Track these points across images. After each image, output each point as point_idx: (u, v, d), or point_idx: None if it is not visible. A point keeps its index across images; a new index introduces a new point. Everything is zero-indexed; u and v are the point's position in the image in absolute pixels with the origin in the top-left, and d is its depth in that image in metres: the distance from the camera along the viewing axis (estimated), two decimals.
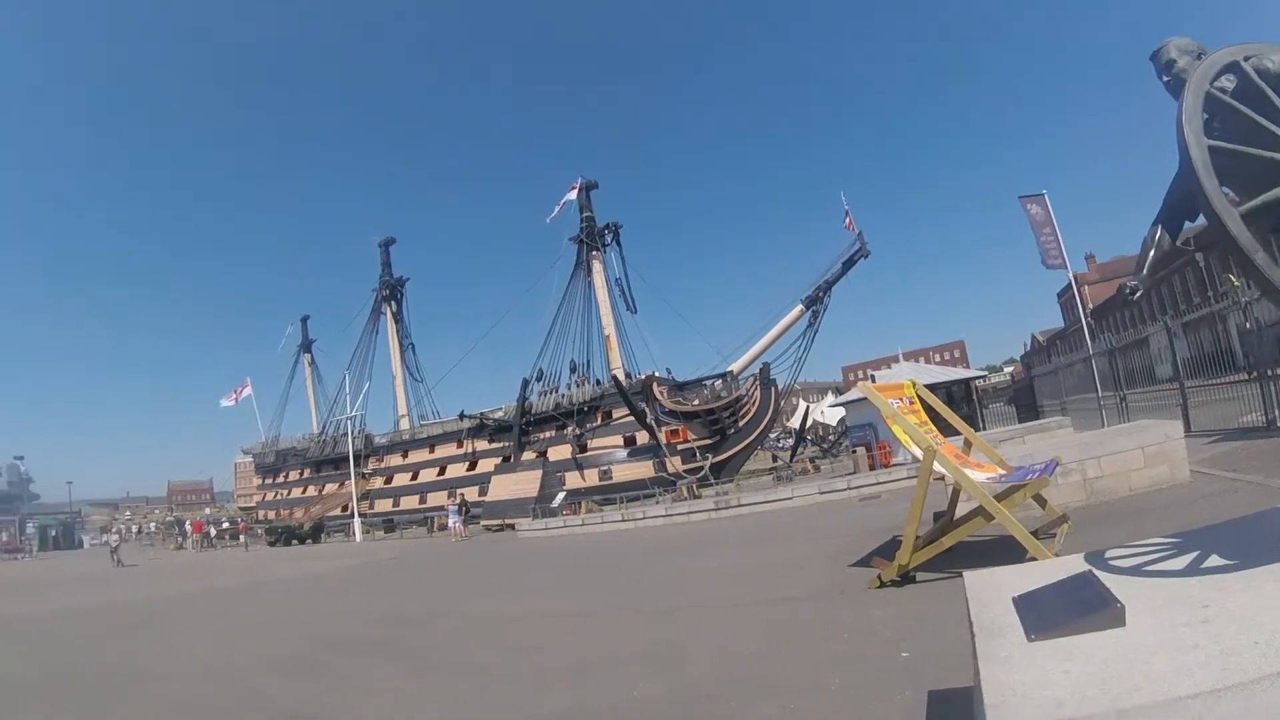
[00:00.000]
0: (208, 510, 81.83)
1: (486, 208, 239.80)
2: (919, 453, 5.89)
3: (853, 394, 31.89)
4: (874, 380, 31.72)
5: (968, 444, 7.15)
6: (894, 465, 23.96)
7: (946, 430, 7.00)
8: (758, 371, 39.67)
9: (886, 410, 6.18)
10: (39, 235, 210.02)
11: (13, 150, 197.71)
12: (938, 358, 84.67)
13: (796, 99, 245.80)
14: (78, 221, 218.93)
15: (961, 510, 6.68)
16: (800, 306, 38.43)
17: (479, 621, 9.63)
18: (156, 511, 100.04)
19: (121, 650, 10.31)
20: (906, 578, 6.23)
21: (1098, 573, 2.35)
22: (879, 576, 6.30)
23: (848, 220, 37.97)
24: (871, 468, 25.18)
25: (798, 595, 7.42)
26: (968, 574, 2.82)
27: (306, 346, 66.84)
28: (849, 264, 37.65)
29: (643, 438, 37.17)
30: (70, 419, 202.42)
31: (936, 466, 5.87)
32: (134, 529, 66.55)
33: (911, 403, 6.73)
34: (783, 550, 12.09)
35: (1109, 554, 2.68)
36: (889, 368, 37.52)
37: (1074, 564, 2.65)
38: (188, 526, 48.43)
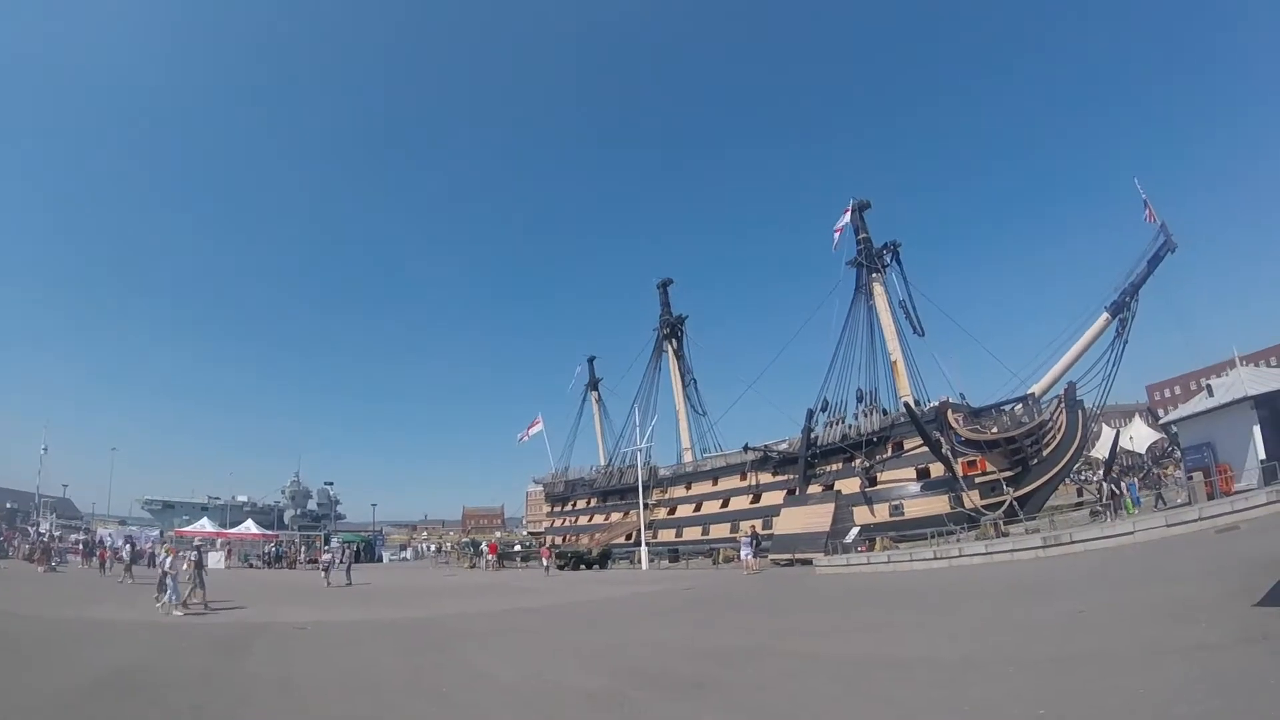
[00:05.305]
0: (498, 534, 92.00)
1: (763, 240, 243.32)
2: None
3: (1192, 406, 28.27)
4: (1210, 392, 27.09)
5: None
6: (1237, 492, 21.85)
7: None
8: (1062, 393, 35.83)
9: None
10: (393, 299, 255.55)
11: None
12: (1274, 360, 68.62)
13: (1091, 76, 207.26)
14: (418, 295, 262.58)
15: None
16: (1105, 315, 34.77)
17: (811, 663, 9.23)
18: (452, 533, 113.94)
19: (422, 667, 10.24)
20: None
21: None
22: None
23: (1147, 212, 34.07)
24: (1210, 496, 22.68)
25: (1209, 643, 6.53)
26: None
27: (594, 385, 72.31)
28: (1154, 261, 33.59)
29: (937, 470, 34.86)
30: (376, 452, 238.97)
31: None
32: (432, 547, 76.33)
33: None
34: (1155, 590, 10.90)
35: None
36: (1223, 375, 31.76)
37: None
38: (484, 547, 53.52)
